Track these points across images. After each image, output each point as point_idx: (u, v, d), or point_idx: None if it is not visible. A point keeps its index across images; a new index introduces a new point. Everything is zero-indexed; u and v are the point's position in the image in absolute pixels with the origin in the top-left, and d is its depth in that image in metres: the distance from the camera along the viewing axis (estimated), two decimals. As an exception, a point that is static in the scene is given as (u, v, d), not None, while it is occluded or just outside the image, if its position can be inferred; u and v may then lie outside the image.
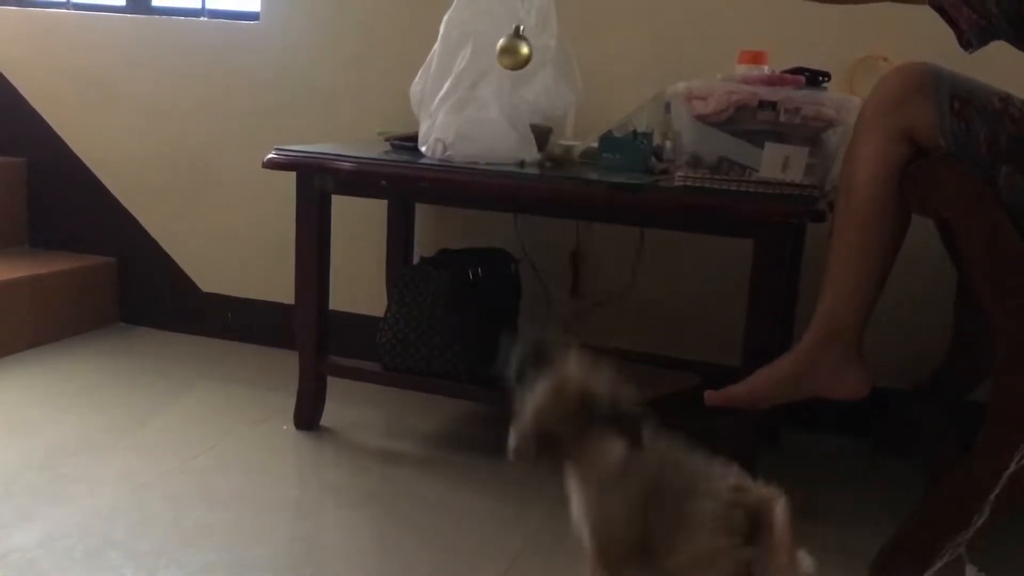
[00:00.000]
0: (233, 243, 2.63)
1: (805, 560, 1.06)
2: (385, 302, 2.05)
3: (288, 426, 2.04)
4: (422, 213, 2.36)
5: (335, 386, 2.06)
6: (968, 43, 1.40)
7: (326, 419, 2.06)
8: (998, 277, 1.42)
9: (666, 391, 1.90)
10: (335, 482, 1.85)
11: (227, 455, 1.91)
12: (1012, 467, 1.24)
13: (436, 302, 1.94)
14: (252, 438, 2.00)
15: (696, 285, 2.23)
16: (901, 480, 1.92)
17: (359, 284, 2.39)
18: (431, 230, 2.39)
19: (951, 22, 1.40)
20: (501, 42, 1.25)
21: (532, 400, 1.15)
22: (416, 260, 2.21)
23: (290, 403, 2.05)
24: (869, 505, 1.81)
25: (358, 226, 2.36)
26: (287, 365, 2.10)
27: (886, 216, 1.54)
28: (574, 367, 1.17)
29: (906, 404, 1.97)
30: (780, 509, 1.05)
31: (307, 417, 2.04)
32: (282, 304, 2.46)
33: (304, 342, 2.00)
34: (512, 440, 1.17)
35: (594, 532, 1.18)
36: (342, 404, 2.11)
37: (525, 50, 1.23)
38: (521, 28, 1.26)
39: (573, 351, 1.19)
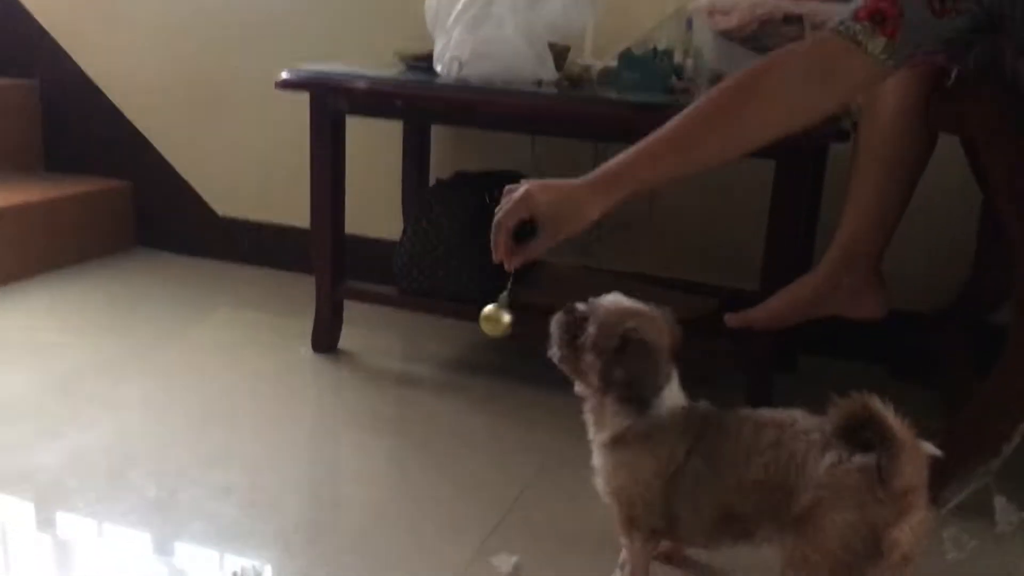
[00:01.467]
0: (249, 166, 2.61)
1: (927, 446, 1.04)
2: (401, 226, 2.04)
3: (306, 349, 2.05)
4: (438, 135, 2.32)
5: (352, 310, 2.07)
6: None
7: (343, 343, 2.07)
8: (1021, 194, 1.39)
9: (685, 315, 1.88)
10: (352, 405, 1.86)
11: (246, 378, 1.92)
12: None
13: (452, 225, 1.92)
14: (270, 361, 2.01)
15: (716, 208, 2.20)
16: (919, 405, 1.88)
17: (375, 207, 2.37)
18: (447, 152, 2.36)
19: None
20: (485, 310, 1.27)
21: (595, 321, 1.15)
22: (432, 183, 2.19)
23: (308, 327, 2.05)
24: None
25: (373, 148, 2.32)
26: (304, 289, 2.10)
27: (909, 138, 1.51)
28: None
29: (925, 328, 1.96)
30: (879, 407, 1.02)
31: (324, 341, 2.05)
32: (298, 228, 2.45)
33: (320, 266, 2.00)
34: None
35: (618, 497, 1.18)
36: (359, 328, 2.11)
37: (506, 319, 1.26)
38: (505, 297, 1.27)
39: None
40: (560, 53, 1.93)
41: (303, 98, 1.89)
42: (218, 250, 2.67)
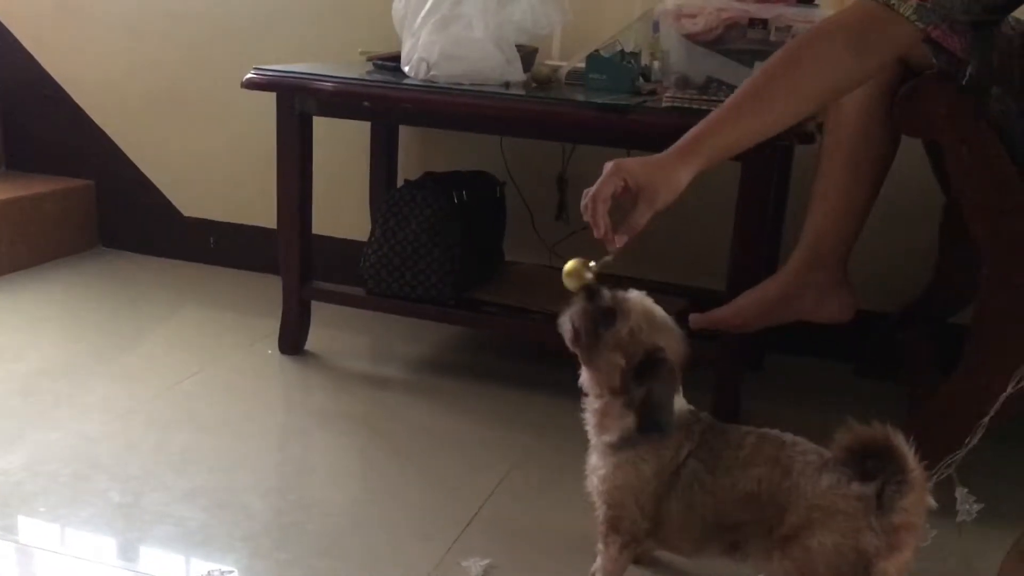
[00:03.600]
0: (214, 166, 2.59)
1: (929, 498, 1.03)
2: (369, 226, 2.03)
3: (273, 351, 2.04)
4: (406, 135, 2.32)
5: (319, 311, 2.05)
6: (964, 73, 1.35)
7: (311, 344, 2.06)
8: (986, 200, 1.41)
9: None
10: (321, 406, 1.85)
11: (212, 380, 1.90)
12: (1010, 389, 1.25)
13: (421, 226, 1.92)
14: (237, 363, 1.99)
15: (682, 208, 2.19)
16: (884, 403, 1.93)
17: (343, 208, 2.36)
18: (415, 153, 2.35)
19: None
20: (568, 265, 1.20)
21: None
22: (400, 183, 2.18)
23: (274, 328, 2.04)
24: (851, 427, 1.82)
25: (341, 149, 2.32)
26: (271, 290, 2.08)
27: (874, 139, 1.53)
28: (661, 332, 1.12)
29: (889, 327, 1.98)
30: (901, 441, 1.01)
31: (292, 342, 2.03)
32: (265, 228, 2.43)
33: (287, 267, 1.98)
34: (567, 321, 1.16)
35: (611, 498, 1.16)
36: (327, 329, 2.10)
37: (589, 276, 1.19)
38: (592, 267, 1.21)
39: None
40: (528, 55, 1.94)
41: (270, 98, 1.87)
42: (183, 250, 2.64)
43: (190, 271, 2.58)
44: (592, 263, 1.18)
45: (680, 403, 1.14)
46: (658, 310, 1.13)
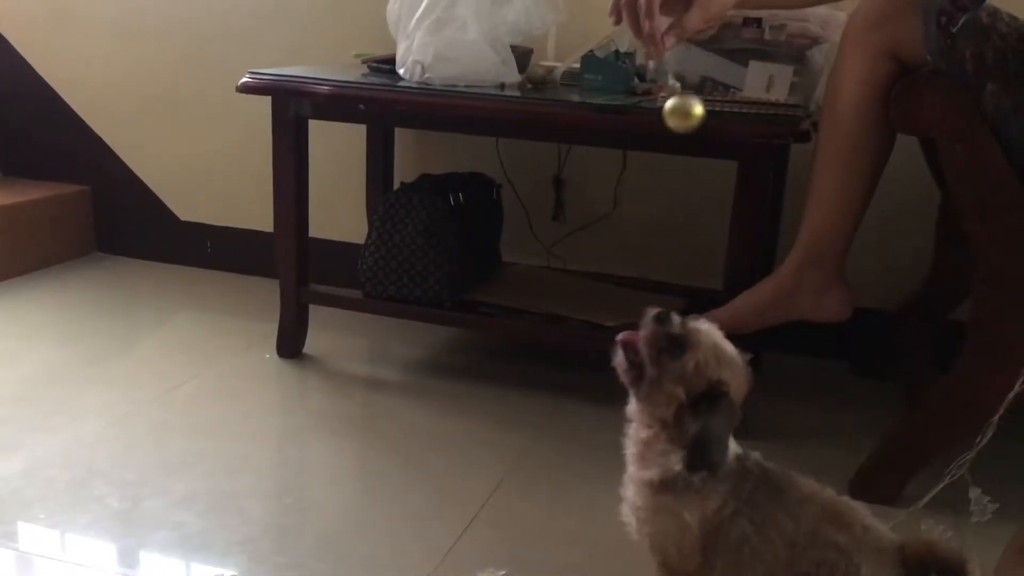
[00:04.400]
0: (210, 170, 2.58)
1: None
2: (366, 229, 2.03)
3: (271, 355, 2.03)
4: (402, 138, 2.31)
5: (317, 314, 2.05)
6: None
7: (308, 347, 2.05)
8: (981, 198, 1.41)
9: (650, 314, 1.90)
10: (318, 409, 1.85)
11: (209, 384, 1.90)
12: (1018, 387, 1.24)
13: (417, 228, 1.91)
14: (234, 367, 1.99)
15: (679, 208, 2.22)
16: (881, 401, 1.93)
17: (339, 211, 2.36)
18: (411, 155, 2.35)
19: None
20: (669, 103, 1.10)
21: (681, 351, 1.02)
22: (396, 186, 2.18)
23: (272, 331, 2.04)
24: (849, 427, 1.82)
25: (337, 152, 2.32)
26: (268, 294, 2.08)
27: (870, 136, 1.52)
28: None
29: (886, 325, 1.98)
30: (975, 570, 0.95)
31: (289, 345, 2.03)
32: (262, 232, 2.43)
33: (284, 270, 1.98)
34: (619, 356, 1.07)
35: (652, 542, 1.08)
36: (324, 332, 2.10)
37: (699, 110, 1.09)
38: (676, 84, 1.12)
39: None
40: (523, 55, 1.94)
41: (265, 101, 1.87)
42: (180, 255, 2.64)
43: (187, 275, 2.57)
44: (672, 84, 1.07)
45: (733, 447, 1.06)
46: (727, 344, 1.06)
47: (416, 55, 1.81)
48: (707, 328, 1.05)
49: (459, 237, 1.93)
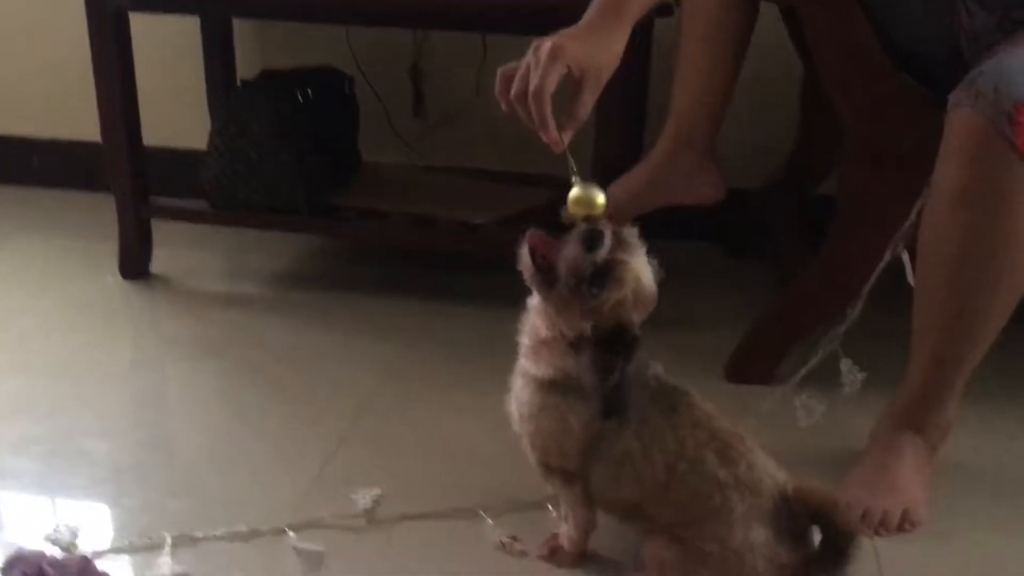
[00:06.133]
0: (26, 77, 2.34)
1: None
2: (208, 134, 1.86)
3: (113, 277, 1.88)
4: (241, 30, 2.14)
5: (162, 230, 1.90)
6: None
7: (156, 266, 1.91)
8: (845, 69, 1.38)
9: (519, 208, 1.83)
10: (172, 334, 1.72)
11: (45, 315, 1.74)
12: (887, 258, 1.25)
13: (264, 130, 1.78)
14: (73, 294, 1.83)
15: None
16: (756, 281, 1.93)
17: (177, 115, 2.18)
18: (252, 50, 2.18)
19: None
20: (573, 192, 0.98)
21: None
22: (238, 84, 2.01)
23: (113, 252, 1.88)
24: (725, 308, 1.82)
25: (169, 49, 2.14)
26: (106, 211, 1.90)
27: (731, 11, 1.48)
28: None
29: (756, 203, 1.97)
30: (847, 516, 0.96)
31: (133, 265, 1.88)
32: (92, 143, 2.21)
33: (119, 184, 1.83)
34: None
35: (533, 440, 1.05)
36: (172, 249, 1.95)
37: (600, 200, 0.98)
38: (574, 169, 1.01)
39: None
40: (366, -68, 1.78)
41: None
42: (2, 172, 2.39)
43: (11, 196, 2.34)
44: (576, 180, 1.01)
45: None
46: (650, 280, 0.98)
47: (245, -66, 1.63)
48: (635, 262, 0.96)
49: (311, 137, 1.80)
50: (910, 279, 1.20)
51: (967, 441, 1.34)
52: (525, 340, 1.05)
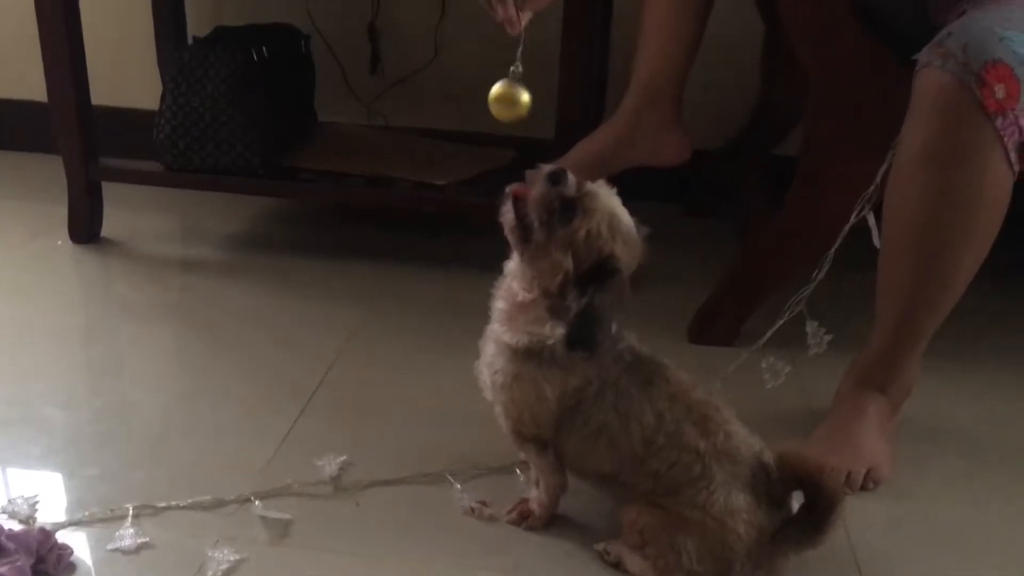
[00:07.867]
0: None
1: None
2: (159, 93, 1.80)
3: (63, 241, 1.83)
4: (192, -16, 2.07)
5: (113, 192, 1.85)
6: None
7: (107, 230, 1.85)
8: (810, 21, 1.36)
9: (482, 168, 1.81)
10: (126, 298, 1.68)
11: (-7, 280, 1.68)
12: (854, 219, 1.24)
13: (217, 88, 1.72)
14: (21, 258, 1.78)
15: (505, 55, 2.08)
16: (717, 241, 1.93)
17: (127, 74, 2.12)
18: (204, 5, 2.13)
19: None
20: (495, 89, 0.96)
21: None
22: (190, 41, 1.95)
23: (62, 215, 1.82)
24: (686, 268, 1.81)
25: (118, 5, 2.07)
26: (54, 172, 1.83)
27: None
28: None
29: (714, 163, 1.97)
30: (835, 481, 0.94)
31: (84, 229, 1.83)
32: (40, 102, 2.13)
33: (67, 145, 1.77)
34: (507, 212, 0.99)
35: (506, 408, 1.04)
36: (124, 212, 1.90)
37: (525, 98, 0.95)
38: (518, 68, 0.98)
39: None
40: None
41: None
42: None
43: (-46, 157, 2.26)
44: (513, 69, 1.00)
45: (614, 328, 1.00)
46: (625, 214, 0.98)
47: None
48: (605, 193, 0.97)
49: (266, 96, 1.75)
50: (876, 242, 1.20)
51: (932, 402, 1.36)
52: (500, 304, 1.03)
